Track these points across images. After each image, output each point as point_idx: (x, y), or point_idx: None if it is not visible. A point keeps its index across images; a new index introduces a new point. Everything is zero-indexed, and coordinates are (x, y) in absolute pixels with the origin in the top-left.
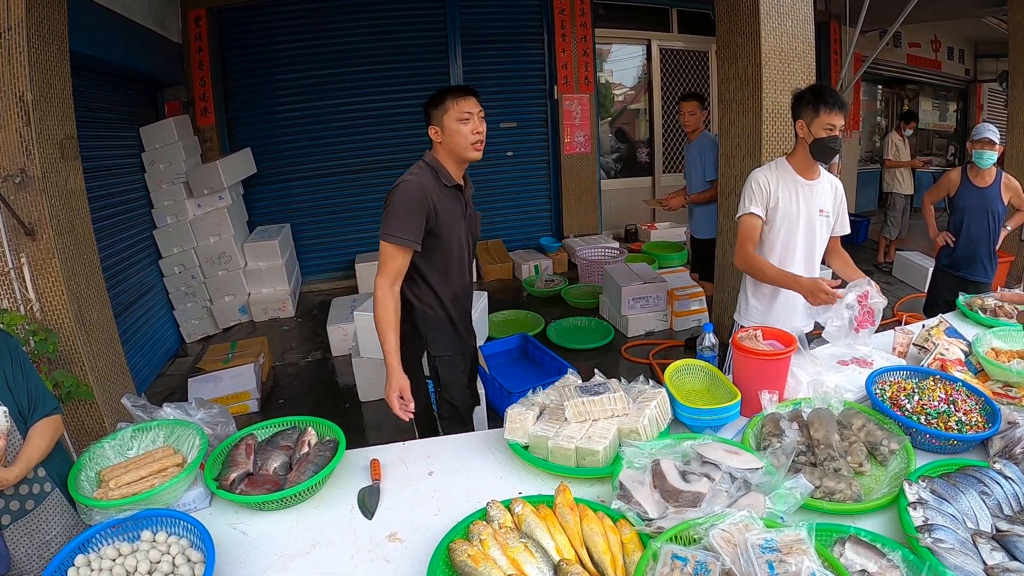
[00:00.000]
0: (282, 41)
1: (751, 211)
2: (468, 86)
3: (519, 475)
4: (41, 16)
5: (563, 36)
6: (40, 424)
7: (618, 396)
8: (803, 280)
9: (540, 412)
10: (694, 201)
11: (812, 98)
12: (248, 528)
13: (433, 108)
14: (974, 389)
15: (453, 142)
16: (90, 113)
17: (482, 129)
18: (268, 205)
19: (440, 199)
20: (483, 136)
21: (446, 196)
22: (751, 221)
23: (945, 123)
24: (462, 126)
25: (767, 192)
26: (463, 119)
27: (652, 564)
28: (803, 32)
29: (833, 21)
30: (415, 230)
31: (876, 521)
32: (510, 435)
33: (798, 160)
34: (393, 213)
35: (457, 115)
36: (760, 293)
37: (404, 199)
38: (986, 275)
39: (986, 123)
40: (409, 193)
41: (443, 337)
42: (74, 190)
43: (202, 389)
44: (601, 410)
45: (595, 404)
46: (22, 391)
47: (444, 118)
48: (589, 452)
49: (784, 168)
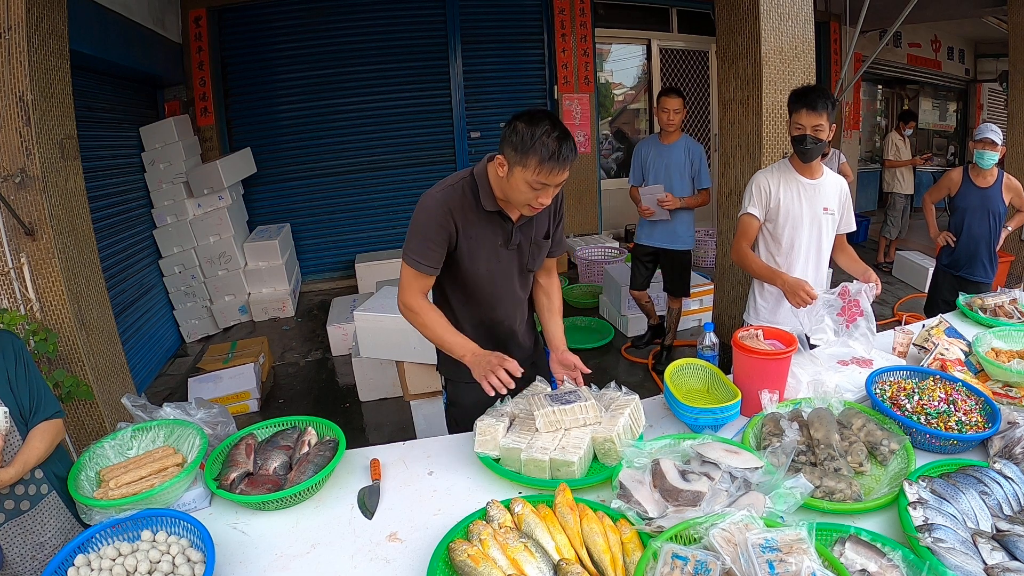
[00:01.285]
0: (282, 41)
1: (748, 211)
2: (570, 144)
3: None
4: (41, 16)
5: (563, 36)
6: (40, 427)
7: (590, 404)
8: (787, 278)
9: (510, 423)
10: (687, 205)
11: (792, 97)
12: (248, 528)
13: (513, 146)
14: (974, 389)
15: (509, 192)
16: (90, 113)
17: (547, 201)
18: (268, 205)
19: (468, 222)
20: (543, 207)
21: (478, 220)
22: (748, 220)
23: (945, 123)
24: (529, 190)
25: (767, 194)
26: (535, 187)
27: (652, 564)
28: (803, 32)
29: (833, 21)
30: (432, 255)
31: (876, 521)
32: (480, 448)
33: (798, 160)
34: (412, 232)
35: (533, 180)
36: (767, 293)
37: (423, 219)
38: (986, 275)
39: (988, 123)
40: (428, 212)
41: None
42: (74, 190)
43: (202, 389)
44: (572, 419)
45: (566, 414)
46: (24, 392)
47: (517, 168)
48: (564, 463)
49: (786, 169)
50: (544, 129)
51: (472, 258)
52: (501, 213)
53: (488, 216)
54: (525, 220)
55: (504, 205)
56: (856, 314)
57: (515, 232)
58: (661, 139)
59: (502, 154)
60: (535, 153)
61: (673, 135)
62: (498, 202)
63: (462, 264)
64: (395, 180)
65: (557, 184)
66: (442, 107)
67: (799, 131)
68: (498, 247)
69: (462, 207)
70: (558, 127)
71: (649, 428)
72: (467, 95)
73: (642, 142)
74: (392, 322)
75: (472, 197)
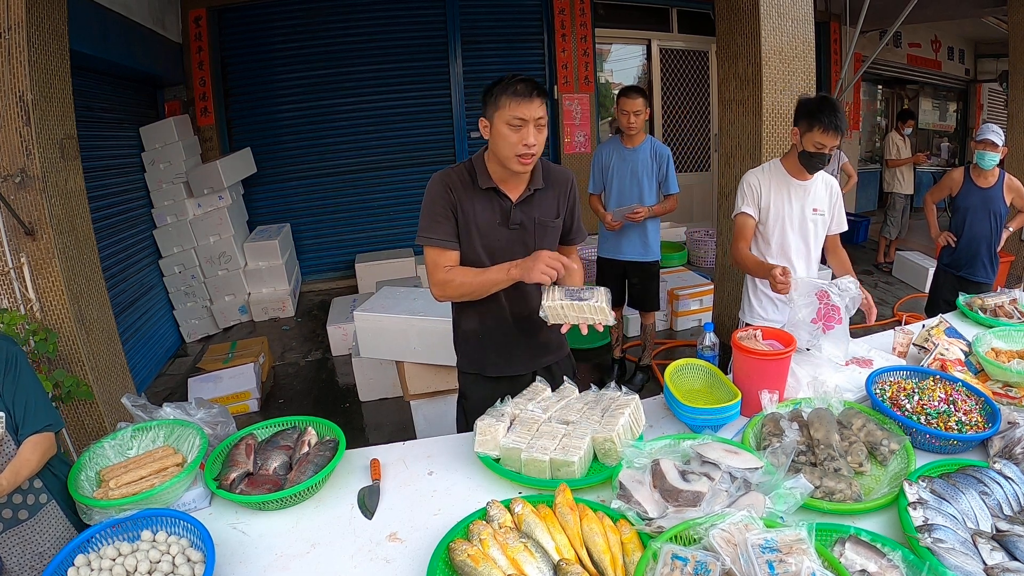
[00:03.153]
0: (282, 41)
1: (743, 210)
2: (533, 82)
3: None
4: (41, 16)
5: (563, 36)
6: (32, 439)
7: (601, 307)
8: (768, 266)
9: (511, 423)
10: (655, 213)
11: (811, 111)
12: (248, 528)
13: (488, 99)
14: (974, 389)
15: (496, 147)
16: (90, 113)
17: (534, 141)
18: (268, 205)
19: (465, 198)
20: (534, 149)
21: (474, 196)
22: (743, 220)
23: (945, 123)
24: (510, 132)
25: (758, 192)
26: (514, 124)
27: (652, 564)
28: (803, 32)
29: (833, 21)
30: (441, 228)
31: (876, 521)
32: (480, 448)
33: (791, 162)
34: (422, 215)
35: (509, 117)
36: (760, 292)
37: (428, 198)
38: (987, 275)
39: (990, 124)
40: (431, 191)
41: (467, 352)
42: (74, 190)
43: (202, 389)
44: (577, 315)
45: (573, 309)
46: (13, 402)
47: (495, 116)
48: (564, 463)
49: (777, 169)
50: (509, 76)
51: (467, 233)
52: (497, 190)
53: (485, 193)
54: (525, 198)
55: (501, 183)
56: (833, 321)
57: (514, 211)
58: (624, 142)
59: (482, 117)
60: (503, 91)
61: (636, 138)
62: (494, 180)
63: (461, 242)
64: (395, 180)
65: (535, 119)
66: (442, 107)
67: (818, 149)
68: (496, 225)
69: (460, 184)
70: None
71: (649, 428)
72: (467, 95)
73: (602, 145)
74: (392, 322)
75: (469, 176)
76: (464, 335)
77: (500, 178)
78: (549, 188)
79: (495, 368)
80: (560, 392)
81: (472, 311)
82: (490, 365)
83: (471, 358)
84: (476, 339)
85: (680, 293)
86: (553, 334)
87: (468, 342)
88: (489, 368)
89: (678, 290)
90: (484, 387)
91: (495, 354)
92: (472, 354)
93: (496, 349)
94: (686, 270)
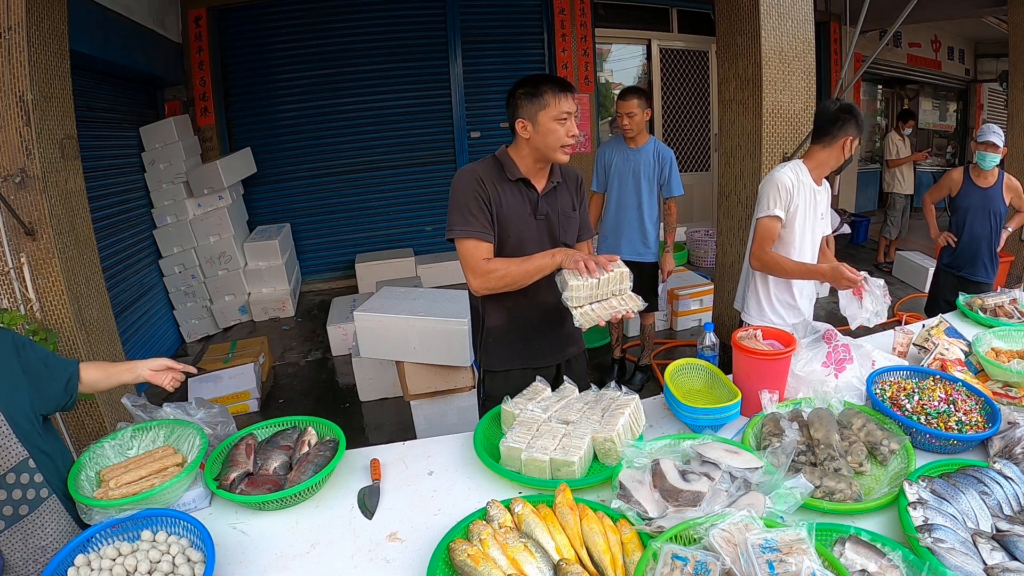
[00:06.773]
0: (282, 41)
1: (774, 213)
2: (566, 80)
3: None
4: (41, 16)
5: (563, 36)
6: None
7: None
8: (823, 268)
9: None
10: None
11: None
12: (248, 528)
13: (527, 100)
14: (974, 389)
15: (545, 142)
16: (90, 113)
17: (576, 132)
18: (268, 205)
19: (497, 189)
20: (576, 139)
21: (506, 187)
22: (771, 224)
23: (945, 123)
24: (559, 126)
25: (790, 195)
26: (561, 119)
27: (652, 564)
28: (803, 32)
29: (833, 21)
30: (476, 220)
31: (876, 521)
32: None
33: (817, 167)
34: (452, 209)
35: (557, 114)
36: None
37: (459, 191)
38: (987, 275)
39: (991, 125)
40: (462, 183)
41: (495, 350)
42: (74, 190)
43: (202, 389)
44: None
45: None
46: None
47: (540, 114)
48: (564, 463)
49: (803, 171)
50: (539, 74)
51: (503, 224)
52: (526, 181)
53: (514, 184)
54: (549, 189)
55: (528, 174)
56: (844, 361)
57: (541, 202)
58: (627, 142)
59: (520, 119)
60: (548, 90)
61: (639, 138)
62: (520, 169)
63: (499, 232)
64: (395, 180)
65: (573, 113)
66: (442, 107)
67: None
68: (527, 215)
69: (490, 176)
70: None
71: (649, 428)
72: (467, 95)
73: (605, 144)
74: (392, 322)
75: (498, 169)
76: (489, 332)
77: (528, 171)
78: (564, 183)
79: (523, 361)
80: (560, 392)
81: (499, 306)
82: (519, 359)
83: (498, 356)
84: (504, 335)
85: (680, 293)
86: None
87: (496, 339)
88: (518, 362)
89: (678, 290)
90: (512, 383)
91: (524, 348)
92: (500, 351)
93: (524, 343)
94: (686, 270)
